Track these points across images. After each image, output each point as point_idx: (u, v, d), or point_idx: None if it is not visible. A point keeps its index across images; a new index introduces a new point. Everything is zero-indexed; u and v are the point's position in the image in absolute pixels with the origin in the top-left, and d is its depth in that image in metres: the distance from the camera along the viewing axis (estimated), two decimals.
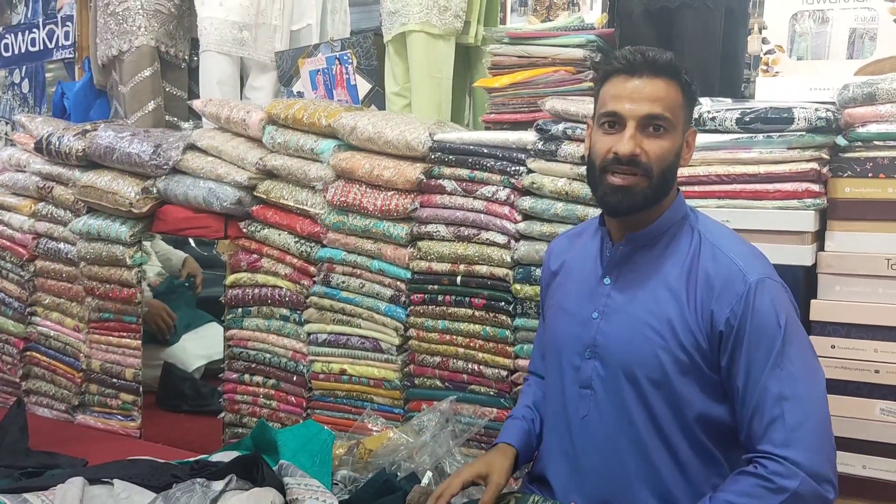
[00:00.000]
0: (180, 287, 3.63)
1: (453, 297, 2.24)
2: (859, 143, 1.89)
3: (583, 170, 2.05)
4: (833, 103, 1.95)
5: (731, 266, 1.46)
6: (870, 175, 1.87)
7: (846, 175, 1.90)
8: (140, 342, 2.83)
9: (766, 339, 1.41)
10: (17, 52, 4.52)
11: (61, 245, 2.93)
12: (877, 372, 1.82)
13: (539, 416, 1.75)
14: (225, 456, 2.01)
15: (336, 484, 1.98)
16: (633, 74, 1.48)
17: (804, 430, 1.37)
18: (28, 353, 3.09)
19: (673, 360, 1.46)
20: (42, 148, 2.94)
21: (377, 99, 3.02)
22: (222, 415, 2.71)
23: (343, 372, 2.44)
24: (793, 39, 2.23)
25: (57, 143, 2.90)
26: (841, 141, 1.91)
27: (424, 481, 1.91)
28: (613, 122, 1.49)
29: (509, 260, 2.17)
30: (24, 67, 4.51)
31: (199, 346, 3.41)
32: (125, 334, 2.83)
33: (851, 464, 1.84)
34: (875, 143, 1.87)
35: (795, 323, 1.45)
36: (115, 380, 2.85)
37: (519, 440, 1.70)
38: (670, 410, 1.47)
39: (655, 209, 1.52)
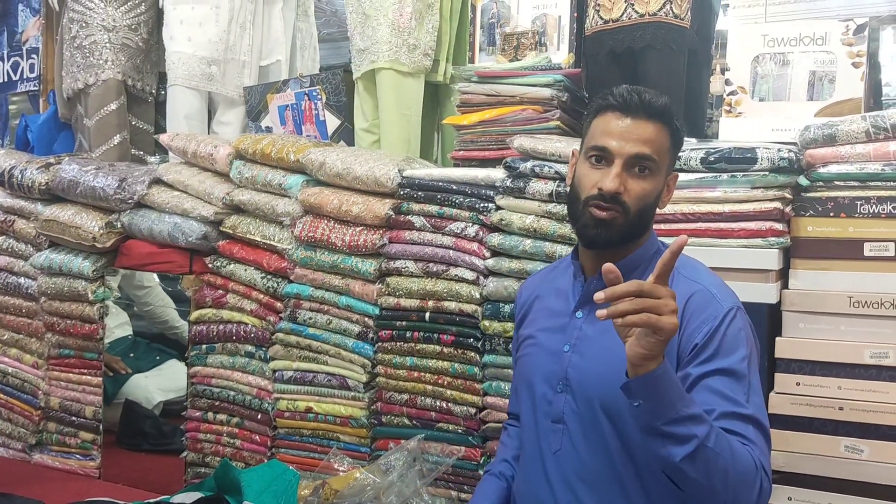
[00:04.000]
0: None
1: (422, 334, 2.23)
2: (821, 184, 1.93)
3: (551, 207, 2.07)
4: (795, 144, 2.00)
5: (706, 293, 1.48)
6: (831, 214, 1.91)
7: (808, 214, 1.93)
8: (101, 379, 2.77)
9: (728, 361, 1.42)
10: None
11: (21, 280, 2.88)
12: (841, 409, 1.84)
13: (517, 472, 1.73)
14: (187, 497, 1.98)
15: None
16: (626, 114, 1.49)
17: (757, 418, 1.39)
18: None
19: None
20: (4, 181, 2.90)
21: (346, 135, 3.03)
22: (184, 454, 2.66)
23: (309, 410, 2.40)
24: (755, 81, 2.28)
25: (19, 175, 2.86)
26: (803, 181, 1.95)
27: None
28: (601, 157, 1.50)
29: (478, 296, 2.16)
30: None
31: (159, 383, 3.36)
32: (85, 371, 2.77)
33: (817, 501, 1.85)
34: (836, 183, 1.91)
35: (754, 358, 1.47)
36: (74, 418, 2.79)
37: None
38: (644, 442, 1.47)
39: (630, 245, 1.54)
